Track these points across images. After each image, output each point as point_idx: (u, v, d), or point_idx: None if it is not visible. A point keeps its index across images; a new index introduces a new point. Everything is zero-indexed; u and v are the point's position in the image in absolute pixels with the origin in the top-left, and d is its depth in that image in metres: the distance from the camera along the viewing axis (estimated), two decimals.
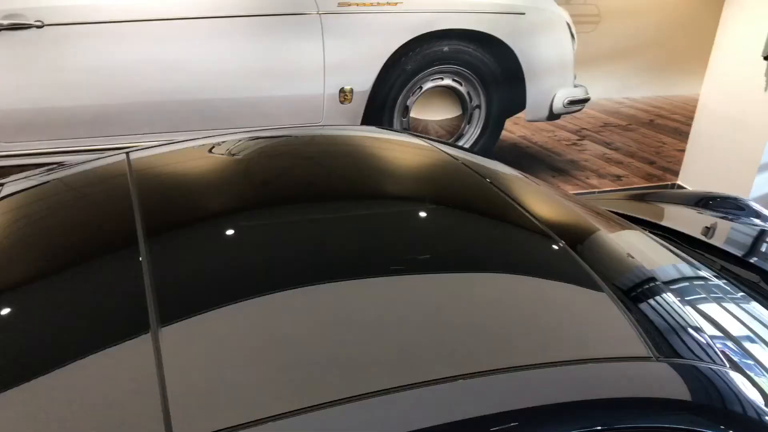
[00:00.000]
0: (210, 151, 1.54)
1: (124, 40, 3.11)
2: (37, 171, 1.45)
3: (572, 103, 3.87)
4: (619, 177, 4.29)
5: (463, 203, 1.41)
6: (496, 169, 1.62)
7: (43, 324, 0.95)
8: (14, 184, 1.36)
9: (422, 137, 1.89)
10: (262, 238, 1.14)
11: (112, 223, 1.15)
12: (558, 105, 3.83)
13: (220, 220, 1.20)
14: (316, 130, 1.93)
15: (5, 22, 2.93)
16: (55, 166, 1.46)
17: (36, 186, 1.35)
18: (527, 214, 1.32)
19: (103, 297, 0.98)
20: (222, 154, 1.53)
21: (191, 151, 1.53)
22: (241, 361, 0.85)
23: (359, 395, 0.81)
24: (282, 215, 1.24)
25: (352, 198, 1.34)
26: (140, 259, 1.02)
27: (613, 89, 4.13)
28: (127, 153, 1.43)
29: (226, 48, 3.26)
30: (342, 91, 3.47)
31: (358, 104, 3.53)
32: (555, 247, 1.22)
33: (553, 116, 3.88)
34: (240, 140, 1.58)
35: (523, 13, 3.62)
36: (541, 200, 1.50)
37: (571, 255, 1.20)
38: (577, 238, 1.31)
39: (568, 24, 3.76)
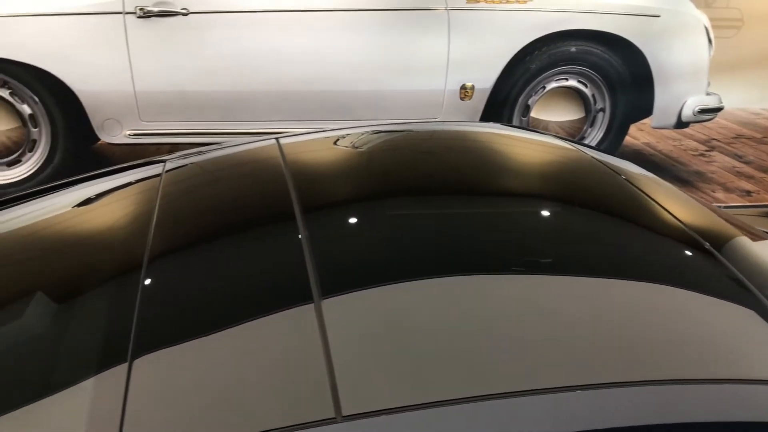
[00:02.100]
0: (351, 141, 1.59)
1: (260, 30, 3.25)
2: (196, 150, 1.55)
3: (703, 111, 3.67)
4: (749, 192, 4.04)
5: (602, 202, 1.38)
6: (630, 169, 1.57)
7: (209, 296, 1.01)
8: (176, 160, 1.46)
9: (550, 135, 1.86)
10: (410, 226, 1.17)
11: (271, 202, 1.22)
12: (687, 113, 3.64)
13: (367, 206, 1.24)
14: (446, 125, 1.95)
15: (155, 9, 3.13)
16: (212, 145, 1.55)
17: (196, 164, 1.45)
18: (670, 215, 1.27)
19: (266, 271, 1.04)
20: (363, 145, 1.58)
21: (335, 140, 1.59)
22: (399, 341, 0.88)
23: (503, 393, 0.81)
24: (425, 206, 1.26)
25: (494, 194, 1.35)
26: (299, 236, 1.08)
27: (750, 99, 3.89)
28: (277, 139, 1.51)
29: (355, 41, 3.33)
30: (463, 87, 3.46)
31: (479, 101, 3.51)
32: (704, 252, 1.17)
33: (681, 124, 3.70)
34: (383, 132, 1.63)
35: (658, 16, 3.48)
36: (682, 203, 1.45)
37: (722, 261, 1.15)
38: (723, 243, 1.25)
39: (705, 28, 3.58)
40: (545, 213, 1.29)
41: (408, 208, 1.24)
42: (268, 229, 1.16)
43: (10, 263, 1.20)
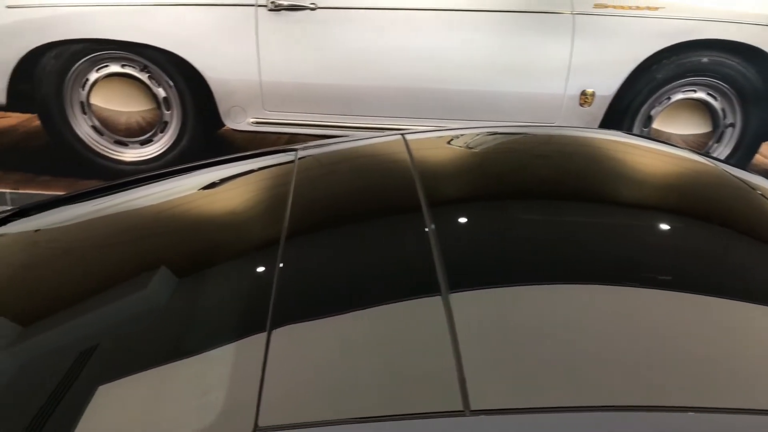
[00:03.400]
0: (475, 140, 1.60)
1: (383, 27, 3.31)
2: (325, 141, 1.61)
3: None
4: None
5: (738, 218, 1.31)
6: (766, 185, 1.48)
7: (340, 279, 1.06)
8: (307, 150, 1.52)
9: (677, 146, 1.79)
10: (537, 230, 1.16)
11: (399, 195, 1.25)
12: None
13: (493, 206, 1.25)
14: (570, 130, 1.91)
15: (285, 2, 3.26)
16: (340, 137, 1.61)
17: (327, 153, 1.51)
18: None
19: (395, 261, 1.07)
20: (487, 145, 1.58)
21: (460, 138, 1.60)
22: (525, 343, 0.88)
23: (627, 407, 0.80)
24: (552, 212, 1.25)
25: (625, 204, 1.32)
26: (426, 229, 1.10)
27: None
28: (403, 134, 1.54)
29: (477, 41, 3.33)
30: (583, 93, 3.38)
31: (598, 108, 3.42)
32: None
33: None
34: (508, 134, 1.63)
35: None
36: None
37: None
38: None
39: None
40: (678, 227, 1.25)
41: (535, 212, 1.24)
42: (396, 221, 1.20)
43: (159, 235, 1.30)
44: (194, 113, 3.50)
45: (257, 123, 3.51)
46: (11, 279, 1.27)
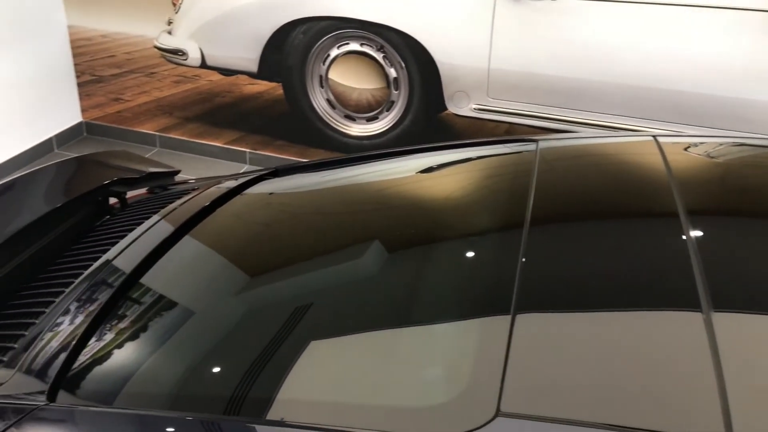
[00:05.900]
0: (736, 150, 1.47)
1: (625, 21, 3.13)
2: (568, 135, 1.57)
3: None
4: None
5: None
6: None
7: (588, 275, 1.02)
8: (549, 142, 1.49)
9: None
10: None
11: (652, 199, 1.18)
12: None
13: (760, 223, 1.13)
14: None
15: None
16: (580, 133, 1.55)
17: (572, 147, 1.47)
18: None
19: (647, 266, 1.01)
20: (750, 156, 1.44)
21: (715, 146, 1.47)
22: None
23: None
24: None
25: None
26: (684, 237, 1.03)
27: None
28: (655, 137, 1.45)
29: (728, 42, 3.03)
30: None
31: None
32: None
33: None
34: None
35: None
36: None
37: None
38: None
39: None
40: None
41: None
42: (650, 226, 1.13)
43: (402, 210, 1.36)
44: (420, 95, 3.60)
45: (479, 110, 3.53)
46: (263, 234, 1.41)
